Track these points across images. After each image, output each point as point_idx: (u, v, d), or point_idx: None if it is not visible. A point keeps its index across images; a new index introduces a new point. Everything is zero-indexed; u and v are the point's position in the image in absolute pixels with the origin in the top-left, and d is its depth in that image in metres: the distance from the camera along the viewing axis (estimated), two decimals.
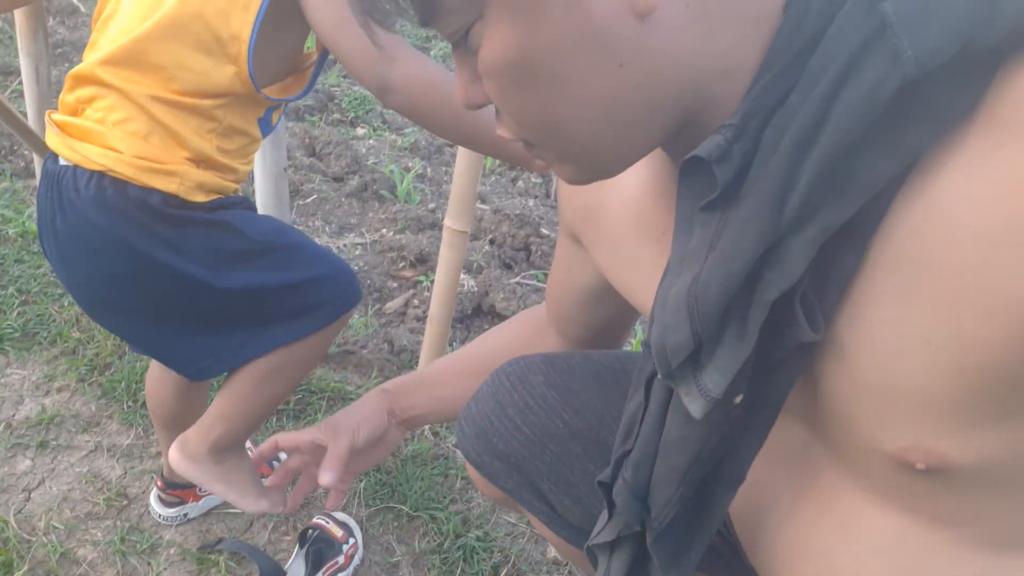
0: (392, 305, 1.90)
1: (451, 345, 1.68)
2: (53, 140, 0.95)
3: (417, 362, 1.63)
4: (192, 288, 0.94)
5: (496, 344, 0.94)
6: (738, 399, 0.44)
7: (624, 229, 0.61)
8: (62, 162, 0.93)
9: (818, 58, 0.38)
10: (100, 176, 0.90)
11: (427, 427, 1.53)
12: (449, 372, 0.93)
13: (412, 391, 0.92)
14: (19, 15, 1.78)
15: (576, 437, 0.77)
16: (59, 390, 1.51)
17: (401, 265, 2.03)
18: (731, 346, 0.42)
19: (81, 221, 0.91)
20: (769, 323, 0.41)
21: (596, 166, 0.48)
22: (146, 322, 1.00)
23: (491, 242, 2.13)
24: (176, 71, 0.90)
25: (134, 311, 0.99)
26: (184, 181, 0.92)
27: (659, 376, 0.48)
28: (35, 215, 1.02)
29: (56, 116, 0.97)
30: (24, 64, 1.82)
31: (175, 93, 0.91)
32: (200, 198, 0.94)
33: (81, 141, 0.92)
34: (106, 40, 0.94)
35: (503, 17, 0.41)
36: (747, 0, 0.41)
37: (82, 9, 3.32)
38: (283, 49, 0.99)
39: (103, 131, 0.92)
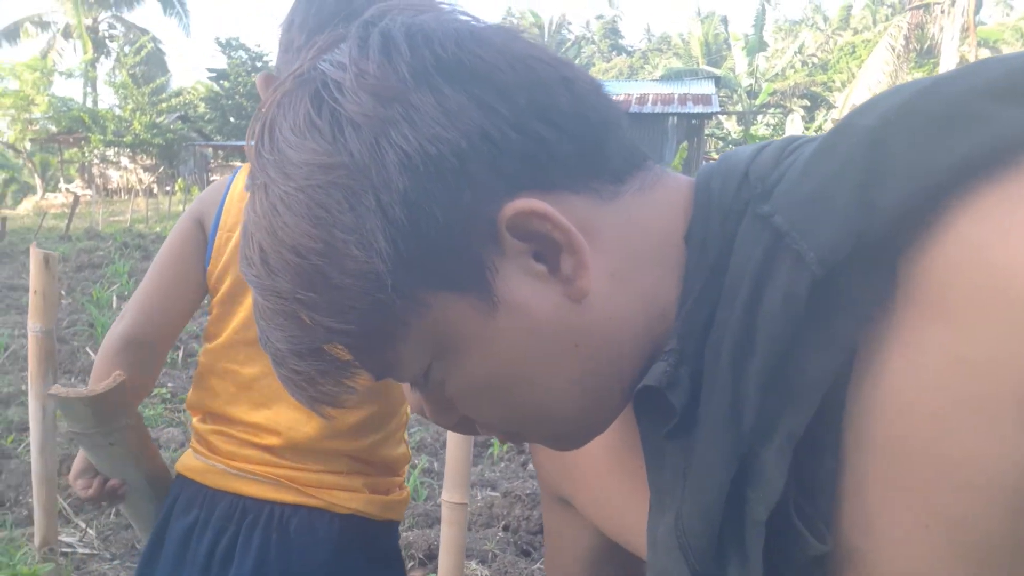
0: None
1: None
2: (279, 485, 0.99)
3: None
4: None
5: None
6: None
7: (603, 472, 0.61)
8: (270, 502, 0.98)
9: (731, 275, 0.41)
10: (344, 518, 0.98)
11: None
12: None
13: None
14: (31, 362, 1.88)
15: None
16: None
17: (410, 565, 1.89)
18: None
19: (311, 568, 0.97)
20: (771, 544, 0.39)
21: (586, 431, 0.49)
22: None
23: (505, 528, 2.01)
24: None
25: None
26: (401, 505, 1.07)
27: None
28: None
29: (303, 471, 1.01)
30: (32, 406, 1.89)
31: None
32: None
33: (323, 488, 0.99)
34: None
35: (458, 352, 0.43)
36: (654, 246, 0.44)
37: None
38: None
39: (339, 477, 1.00)
